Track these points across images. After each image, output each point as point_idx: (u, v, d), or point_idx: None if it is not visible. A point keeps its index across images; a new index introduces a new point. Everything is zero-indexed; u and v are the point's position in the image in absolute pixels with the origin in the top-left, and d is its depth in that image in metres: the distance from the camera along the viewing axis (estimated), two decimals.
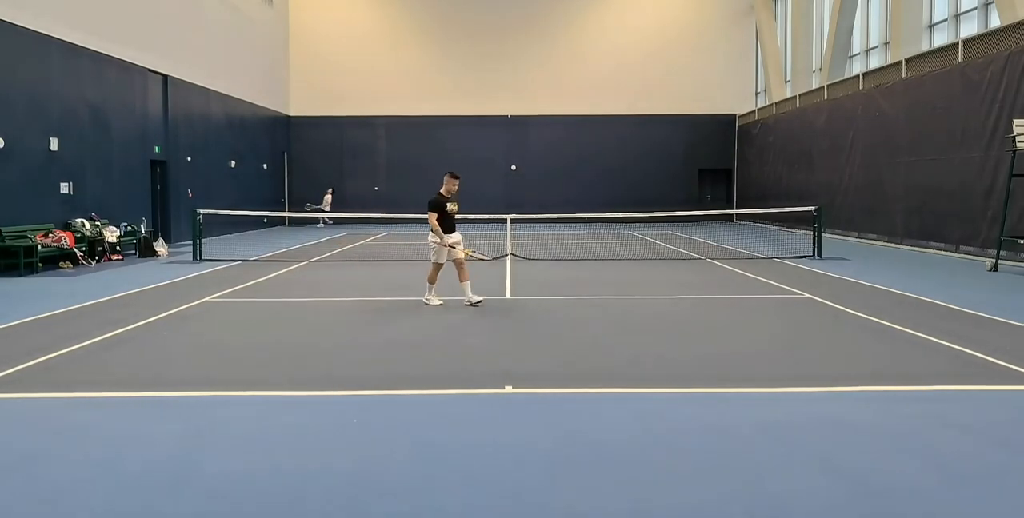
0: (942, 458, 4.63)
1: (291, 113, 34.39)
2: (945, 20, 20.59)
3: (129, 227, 18.45)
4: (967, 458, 4.63)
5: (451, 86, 34.54)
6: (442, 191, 10.34)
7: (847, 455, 4.65)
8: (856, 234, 22.28)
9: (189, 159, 23.28)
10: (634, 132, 34.51)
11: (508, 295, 11.62)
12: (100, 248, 16.57)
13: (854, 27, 25.08)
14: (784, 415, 5.48)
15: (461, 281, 10.22)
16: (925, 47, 20.41)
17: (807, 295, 11.29)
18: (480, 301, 10.10)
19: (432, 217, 10.18)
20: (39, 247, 14.60)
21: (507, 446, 4.84)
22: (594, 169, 34.35)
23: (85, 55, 17.89)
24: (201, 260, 16.64)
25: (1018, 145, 13.40)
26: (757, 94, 34.85)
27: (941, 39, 20.36)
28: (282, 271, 14.91)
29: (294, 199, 33.27)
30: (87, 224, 16.70)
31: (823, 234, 17.87)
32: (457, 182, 10.48)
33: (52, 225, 15.88)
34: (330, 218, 31.21)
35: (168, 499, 4.05)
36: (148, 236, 18.53)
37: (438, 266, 10.32)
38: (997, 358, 7.13)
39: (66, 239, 15.51)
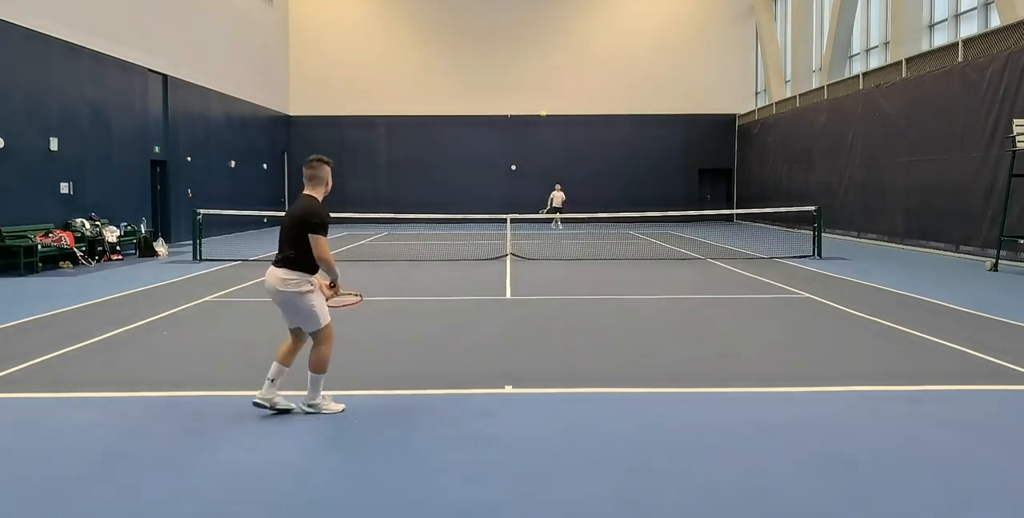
0: (941, 458, 4.63)
1: (291, 113, 34.39)
2: (945, 20, 20.58)
3: (129, 227, 18.44)
4: (966, 458, 4.63)
5: (451, 86, 34.54)
6: (313, 193, 5.57)
7: (846, 455, 4.65)
8: (856, 234, 22.28)
9: (189, 159, 23.27)
10: (634, 132, 34.51)
11: (508, 295, 11.62)
12: (100, 248, 16.57)
13: (854, 27, 25.08)
14: (784, 415, 5.48)
15: (288, 363, 5.55)
16: (925, 47, 20.40)
17: (807, 295, 11.29)
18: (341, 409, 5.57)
19: (324, 244, 5.34)
20: (39, 247, 14.60)
21: (507, 446, 4.84)
22: (594, 169, 34.34)
23: (85, 55, 17.89)
24: (201, 260, 16.64)
25: (1018, 145, 13.40)
26: (757, 94, 34.84)
27: (941, 39, 20.36)
28: None
29: (294, 199, 33.24)
30: (87, 224, 16.70)
31: (823, 234, 17.87)
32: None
33: (52, 225, 15.88)
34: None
35: (169, 499, 4.05)
36: (148, 236, 18.53)
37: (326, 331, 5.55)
38: (997, 358, 7.13)
39: (66, 239, 15.50)
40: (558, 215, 27.91)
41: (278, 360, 5.48)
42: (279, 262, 5.40)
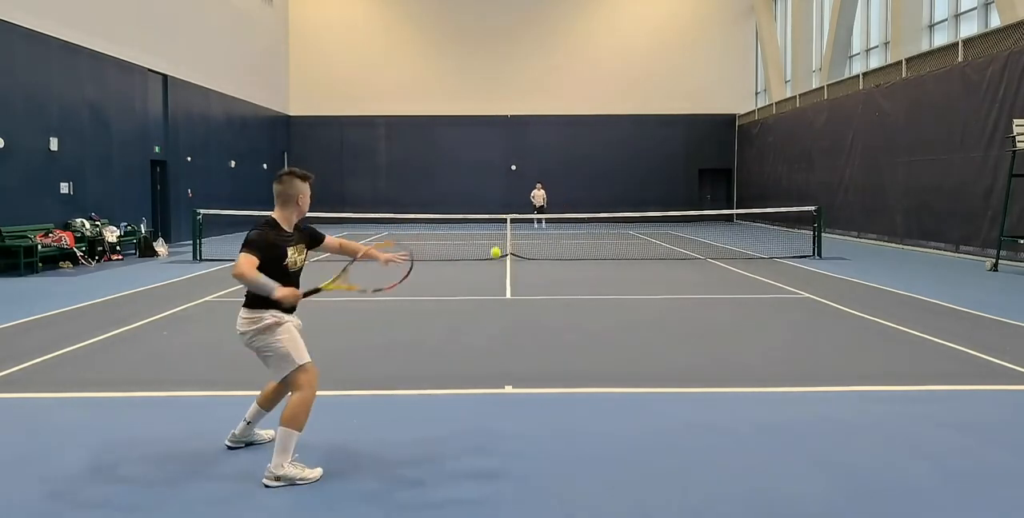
0: (942, 458, 4.63)
1: (291, 113, 34.38)
2: (945, 20, 20.58)
3: (129, 227, 18.45)
4: (967, 458, 4.63)
5: (451, 86, 34.55)
6: (279, 215, 4.54)
7: (847, 455, 4.65)
8: (856, 234, 22.28)
9: (189, 159, 23.28)
10: (634, 132, 34.51)
11: (508, 295, 11.62)
12: (100, 248, 16.57)
13: (854, 27, 25.08)
14: (784, 415, 5.48)
15: (269, 407, 4.81)
16: (925, 47, 20.40)
17: (807, 295, 11.29)
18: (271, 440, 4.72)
19: (242, 261, 4.23)
20: (39, 247, 14.60)
21: (507, 446, 4.84)
22: (594, 169, 34.35)
23: (85, 55, 17.89)
24: (201, 260, 16.64)
25: (1018, 145, 13.40)
26: (757, 94, 34.84)
27: (941, 39, 20.36)
28: None
29: None
30: (87, 224, 16.70)
31: (823, 234, 17.87)
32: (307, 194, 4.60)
33: (52, 225, 15.88)
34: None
35: (169, 499, 4.05)
36: (148, 236, 18.53)
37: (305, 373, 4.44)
38: (997, 358, 7.12)
39: (66, 239, 15.50)
40: (538, 215, 28.00)
41: (258, 402, 4.78)
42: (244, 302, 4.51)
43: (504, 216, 20.43)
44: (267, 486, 4.18)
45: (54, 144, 16.45)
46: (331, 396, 5.98)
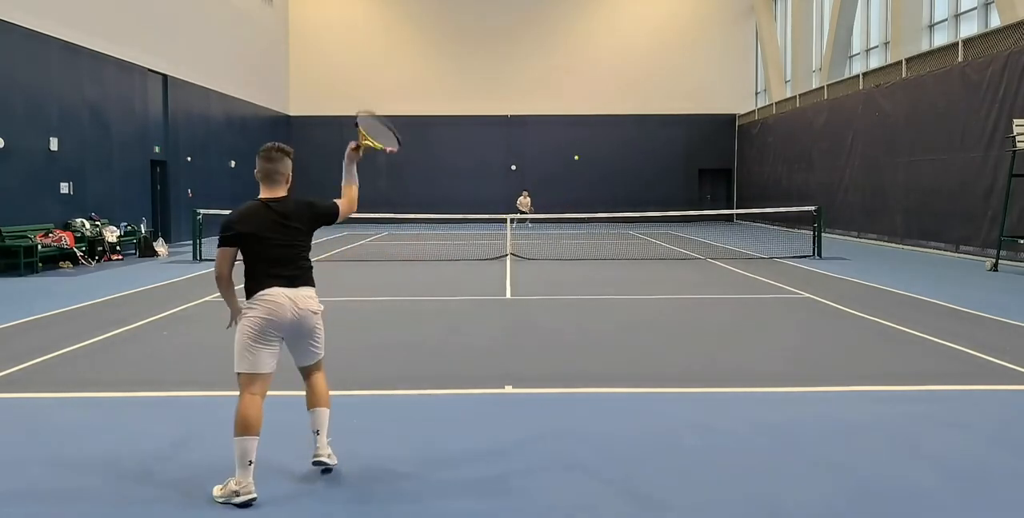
0: (942, 458, 4.62)
1: (291, 113, 34.38)
2: (945, 20, 20.58)
3: (129, 227, 18.45)
4: (967, 458, 4.62)
5: (451, 86, 34.54)
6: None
7: (847, 455, 4.65)
8: (856, 234, 22.28)
9: (189, 159, 23.28)
10: (634, 132, 34.51)
11: (508, 295, 11.62)
12: (100, 248, 16.57)
13: (854, 27, 25.09)
14: (784, 415, 5.48)
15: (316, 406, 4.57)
16: (925, 47, 20.40)
17: (807, 295, 11.29)
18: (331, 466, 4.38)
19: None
20: (39, 247, 14.60)
21: (507, 446, 4.84)
22: (594, 169, 34.34)
23: (85, 55, 17.89)
24: (201, 260, 16.63)
25: (1018, 145, 13.40)
26: (757, 94, 34.84)
27: (941, 39, 20.36)
28: None
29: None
30: (87, 224, 16.70)
31: (823, 234, 17.87)
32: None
33: (52, 225, 15.88)
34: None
35: (168, 500, 4.05)
36: (148, 236, 18.54)
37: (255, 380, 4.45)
38: (997, 358, 7.12)
39: (66, 239, 15.50)
40: (519, 215, 28.16)
41: (312, 404, 4.55)
42: (304, 281, 4.39)
43: (504, 216, 20.43)
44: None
45: (54, 144, 16.45)
46: (331, 396, 5.98)
